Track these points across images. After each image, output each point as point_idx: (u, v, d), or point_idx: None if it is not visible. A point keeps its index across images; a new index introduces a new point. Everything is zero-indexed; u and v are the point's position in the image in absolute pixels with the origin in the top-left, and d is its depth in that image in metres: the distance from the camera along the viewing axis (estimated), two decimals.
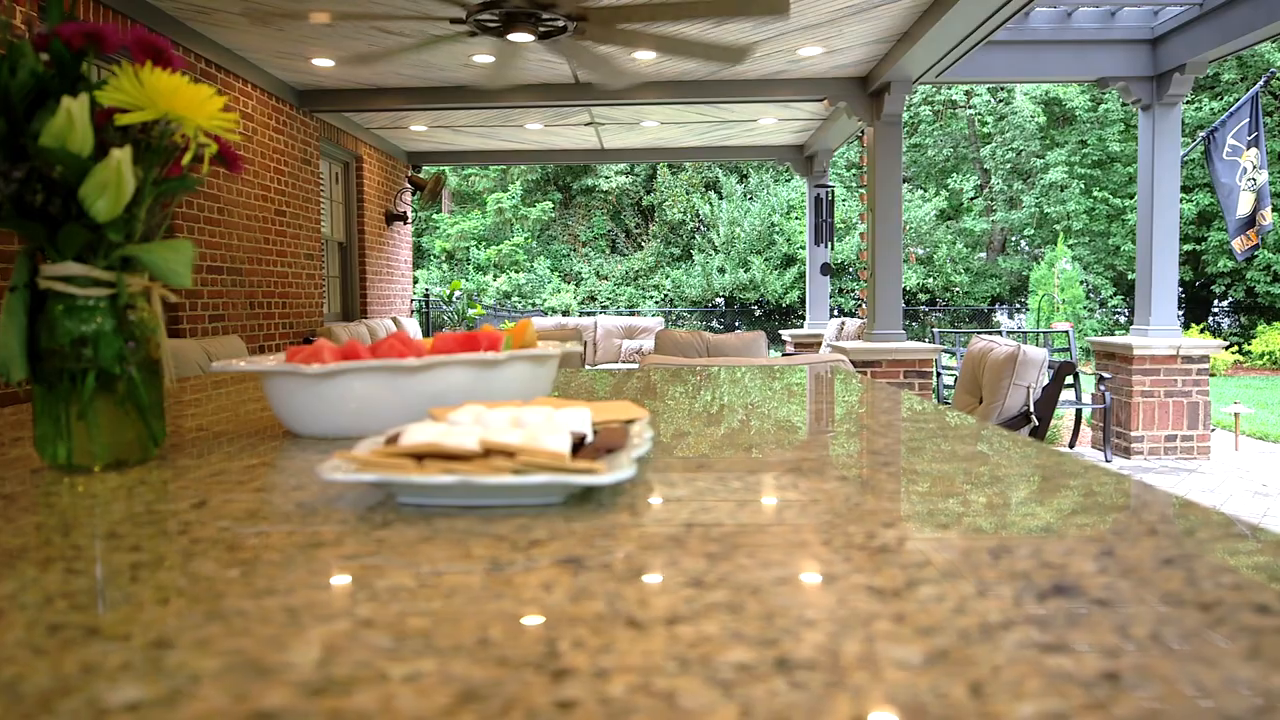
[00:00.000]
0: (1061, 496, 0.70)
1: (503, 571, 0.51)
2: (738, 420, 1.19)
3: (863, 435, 1.06)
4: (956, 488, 0.71)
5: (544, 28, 3.83)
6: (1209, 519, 0.60)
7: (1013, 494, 0.70)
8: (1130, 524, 0.61)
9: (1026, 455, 0.86)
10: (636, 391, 1.53)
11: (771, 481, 0.75)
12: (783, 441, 0.99)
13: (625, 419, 0.91)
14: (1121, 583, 0.47)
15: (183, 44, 5.03)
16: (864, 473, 0.79)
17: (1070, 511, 0.65)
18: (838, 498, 0.69)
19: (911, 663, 0.37)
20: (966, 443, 0.95)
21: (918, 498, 0.69)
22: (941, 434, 1.00)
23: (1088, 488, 0.71)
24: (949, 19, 4.78)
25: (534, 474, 0.64)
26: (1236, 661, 0.36)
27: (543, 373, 1.15)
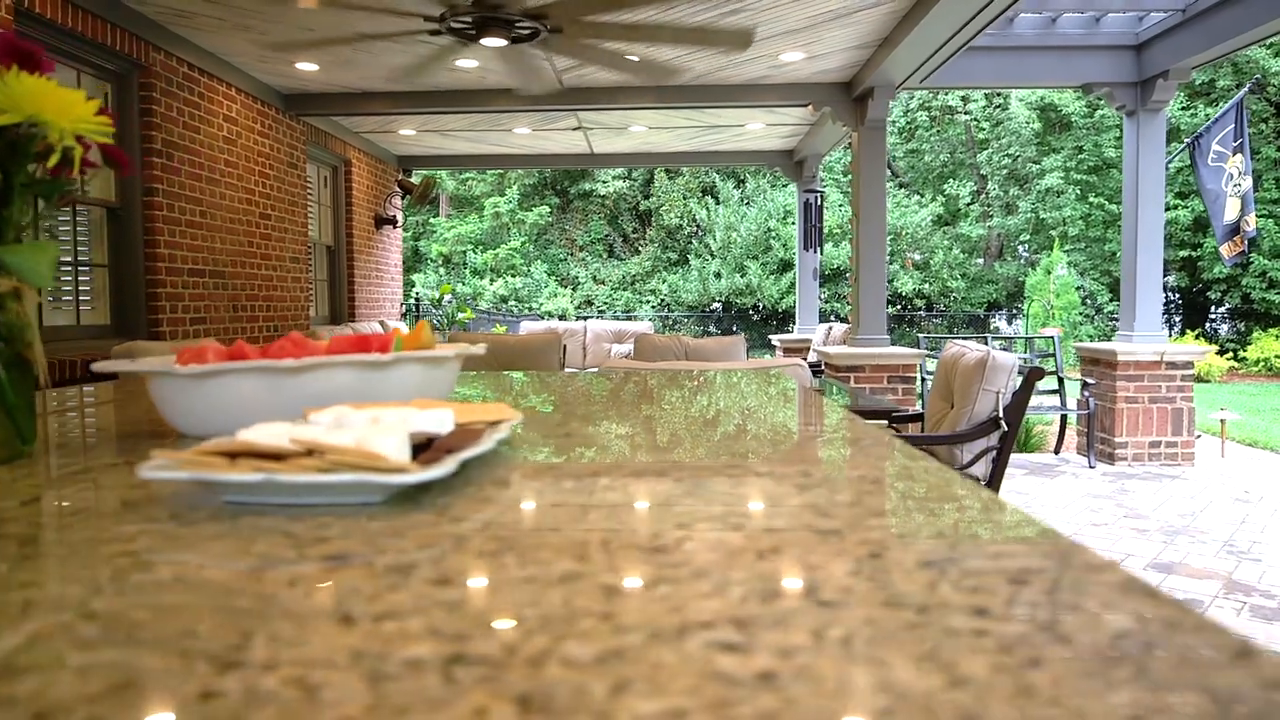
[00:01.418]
0: (876, 499, 0.70)
1: (266, 568, 0.52)
2: (630, 423, 1.19)
3: (734, 439, 1.06)
4: (779, 489, 0.71)
5: (517, 31, 3.84)
6: (1035, 532, 0.60)
7: (836, 497, 0.70)
8: (923, 526, 0.61)
9: (881, 460, 0.86)
10: (565, 393, 1.53)
11: (605, 483, 0.75)
12: (652, 445, 1.00)
13: (491, 420, 0.92)
14: (864, 584, 0.47)
15: (164, 48, 5.06)
16: (702, 475, 0.79)
17: (876, 514, 0.65)
18: (657, 498, 0.69)
19: (581, 660, 0.37)
20: (836, 448, 0.95)
21: (735, 499, 0.69)
22: (824, 439, 1.00)
23: (915, 491, 0.71)
24: (926, 24, 4.79)
25: (341, 472, 0.64)
26: (905, 661, 0.37)
27: (439, 374, 1.16)
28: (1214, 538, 4.48)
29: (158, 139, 5.02)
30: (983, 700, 0.33)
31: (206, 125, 5.56)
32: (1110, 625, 0.41)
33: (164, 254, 5.09)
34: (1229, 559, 4.12)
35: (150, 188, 5.01)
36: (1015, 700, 0.33)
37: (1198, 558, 4.14)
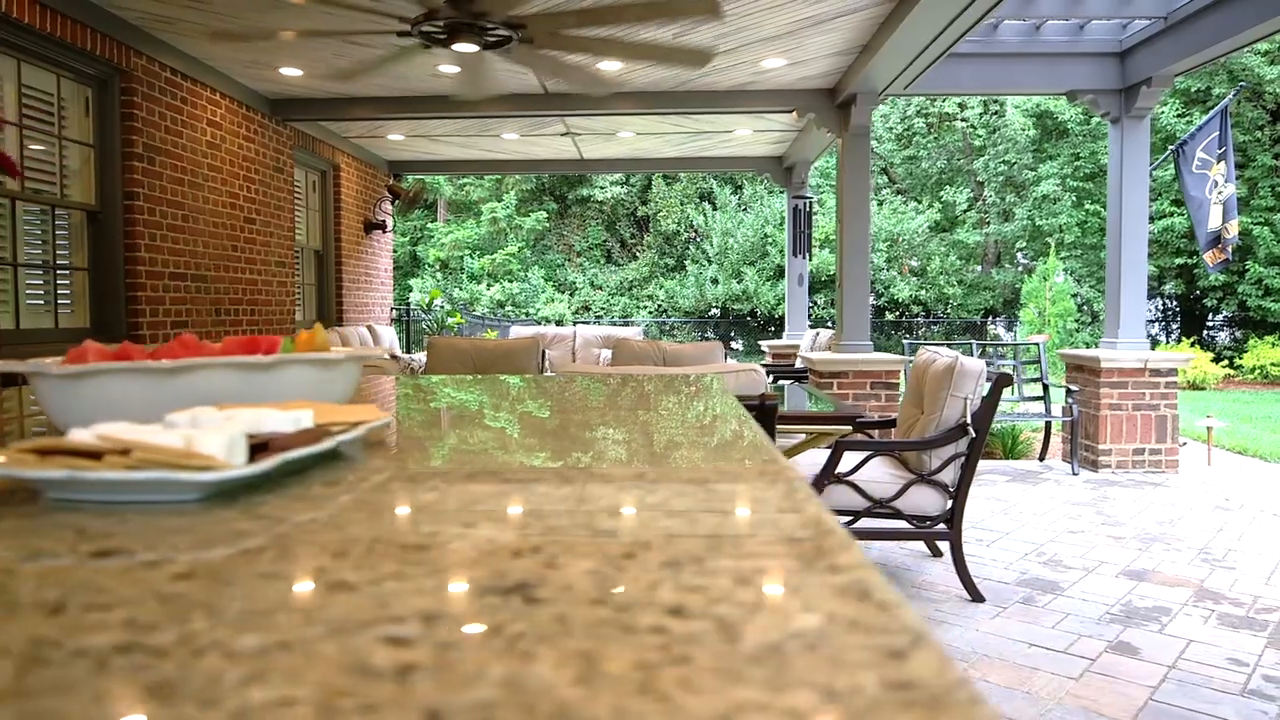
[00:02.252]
0: (681, 500, 0.70)
1: (25, 561, 0.52)
2: (508, 425, 1.20)
3: (603, 444, 1.06)
4: (599, 493, 0.72)
5: (490, 38, 3.85)
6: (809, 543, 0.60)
7: (623, 497, 0.70)
8: (692, 527, 0.61)
9: (708, 469, 0.86)
10: (480, 397, 1.54)
11: (431, 484, 0.76)
12: (510, 446, 1.00)
13: (352, 422, 0.92)
14: (585, 581, 0.48)
15: (146, 52, 5.08)
16: (528, 479, 0.80)
17: (670, 514, 0.65)
18: (467, 499, 0.69)
19: (242, 652, 0.38)
20: (680, 450, 0.96)
21: (559, 500, 0.69)
22: (696, 446, 1.00)
23: (713, 493, 0.71)
24: (904, 31, 4.81)
25: (148, 470, 0.65)
26: (548, 657, 0.37)
27: (334, 377, 1.16)
28: (1190, 545, 4.46)
29: (138, 143, 5.04)
30: (595, 693, 0.33)
31: (189, 130, 5.58)
32: (791, 625, 0.41)
33: (144, 257, 5.11)
34: (1202, 566, 4.11)
35: (131, 192, 5.03)
36: (636, 696, 0.33)
37: (1171, 565, 4.13)
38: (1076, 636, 3.24)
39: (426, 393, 1.61)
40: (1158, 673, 2.94)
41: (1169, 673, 2.94)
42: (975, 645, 3.16)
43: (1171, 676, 2.91)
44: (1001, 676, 2.90)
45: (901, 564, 4.15)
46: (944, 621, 3.39)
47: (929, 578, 3.94)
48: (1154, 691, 2.80)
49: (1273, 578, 3.94)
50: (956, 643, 3.17)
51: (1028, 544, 4.49)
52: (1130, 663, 3.01)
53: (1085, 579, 3.92)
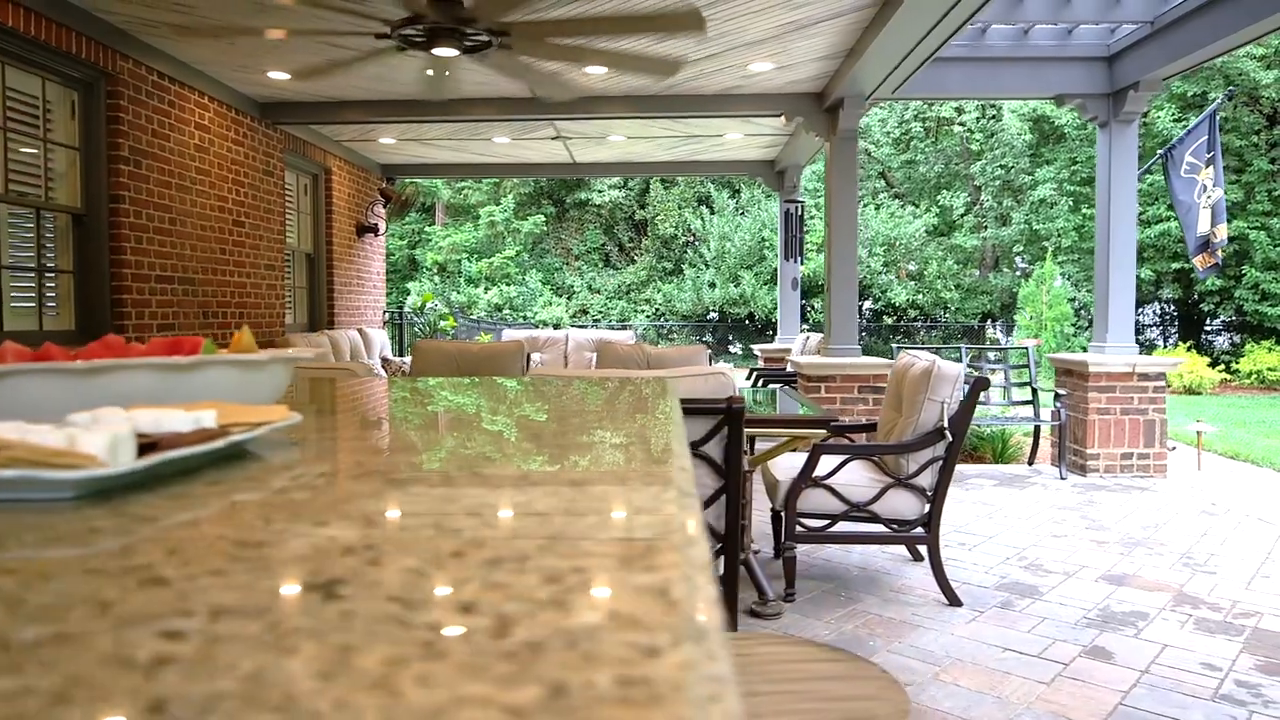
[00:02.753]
0: (545, 500, 0.70)
1: None
2: (422, 429, 1.20)
3: (506, 444, 1.06)
4: (471, 493, 0.72)
5: (469, 42, 3.86)
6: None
7: (489, 500, 0.70)
8: (540, 527, 0.61)
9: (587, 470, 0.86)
10: (419, 399, 1.54)
11: (311, 482, 0.76)
12: (427, 445, 1.00)
13: (255, 422, 0.92)
14: (396, 579, 0.48)
15: (132, 56, 5.10)
16: (425, 476, 0.80)
17: (528, 514, 0.66)
18: (330, 497, 0.70)
19: (22, 641, 0.38)
20: (571, 452, 0.96)
21: (429, 499, 0.69)
22: (598, 447, 1.01)
23: (587, 497, 0.71)
24: (888, 36, 4.81)
25: (13, 468, 0.65)
26: (308, 652, 0.37)
27: (258, 378, 1.17)
28: (1172, 550, 4.45)
29: (124, 146, 5.05)
30: (329, 686, 0.33)
31: (177, 133, 5.60)
32: (566, 622, 0.41)
33: (130, 260, 5.12)
34: (1184, 571, 4.10)
35: (116, 195, 5.04)
36: (367, 690, 0.33)
37: (1152, 570, 4.12)
38: (1051, 641, 3.24)
39: (373, 392, 1.62)
40: (1130, 677, 2.93)
41: (1141, 677, 2.93)
42: (949, 649, 3.15)
43: (1144, 681, 2.91)
44: (973, 681, 2.89)
45: (882, 568, 4.15)
46: (920, 625, 3.38)
47: (908, 581, 3.94)
48: (1124, 696, 2.79)
49: (1253, 582, 3.93)
50: (930, 647, 3.17)
51: (1010, 548, 4.48)
52: (1103, 667, 3.01)
53: (1065, 583, 3.92)
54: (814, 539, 3.70)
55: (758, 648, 1.42)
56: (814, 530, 3.69)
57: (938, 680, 2.90)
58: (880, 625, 3.39)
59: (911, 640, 3.24)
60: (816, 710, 1.23)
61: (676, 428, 1.11)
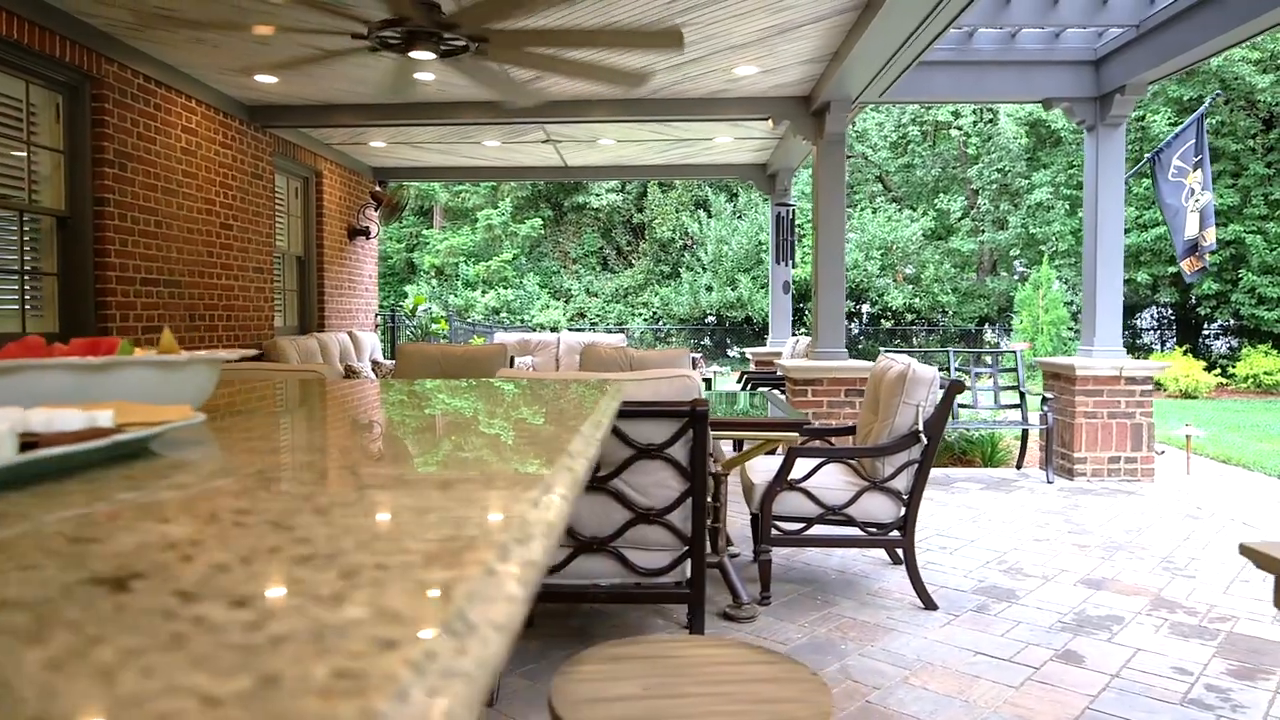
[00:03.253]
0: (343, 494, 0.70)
1: None
2: (319, 430, 1.20)
3: (402, 444, 1.07)
4: (337, 491, 0.72)
5: (445, 47, 3.88)
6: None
7: (350, 497, 0.70)
8: (373, 524, 0.61)
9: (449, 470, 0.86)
10: (351, 401, 1.54)
11: (182, 481, 0.76)
12: (334, 447, 1.01)
13: (153, 421, 0.93)
14: (197, 573, 0.48)
15: (118, 59, 5.12)
16: (298, 474, 0.80)
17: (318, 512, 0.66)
18: (208, 494, 0.70)
19: None
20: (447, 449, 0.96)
21: (290, 498, 0.70)
22: (489, 449, 1.01)
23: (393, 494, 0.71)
24: (870, 39, 4.82)
25: None
26: (57, 641, 0.37)
27: (179, 379, 1.17)
28: (1153, 554, 4.45)
29: (109, 149, 5.07)
30: (50, 672, 0.34)
31: (163, 136, 5.62)
32: (325, 616, 0.41)
33: (114, 263, 5.14)
34: (1163, 575, 4.09)
35: (101, 197, 5.06)
36: (84, 677, 0.34)
37: (1132, 574, 4.11)
38: (1024, 645, 3.23)
39: (314, 393, 1.62)
40: (1100, 681, 2.92)
41: (1111, 681, 2.93)
42: (920, 653, 3.15)
43: (1113, 685, 2.90)
44: (941, 685, 2.89)
45: (861, 571, 4.14)
46: (893, 629, 3.38)
47: (885, 585, 3.93)
48: (1092, 700, 2.78)
49: (1231, 587, 3.93)
50: (902, 650, 3.16)
51: (991, 552, 4.47)
52: (1074, 671, 3.00)
53: (1043, 587, 3.91)
54: (789, 542, 3.70)
55: (691, 650, 1.43)
56: (790, 534, 3.68)
57: (906, 684, 2.89)
58: (854, 628, 3.38)
59: (884, 644, 3.23)
60: (740, 712, 1.24)
61: (591, 429, 1.11)
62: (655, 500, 2.69)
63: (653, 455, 2.62)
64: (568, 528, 2.75)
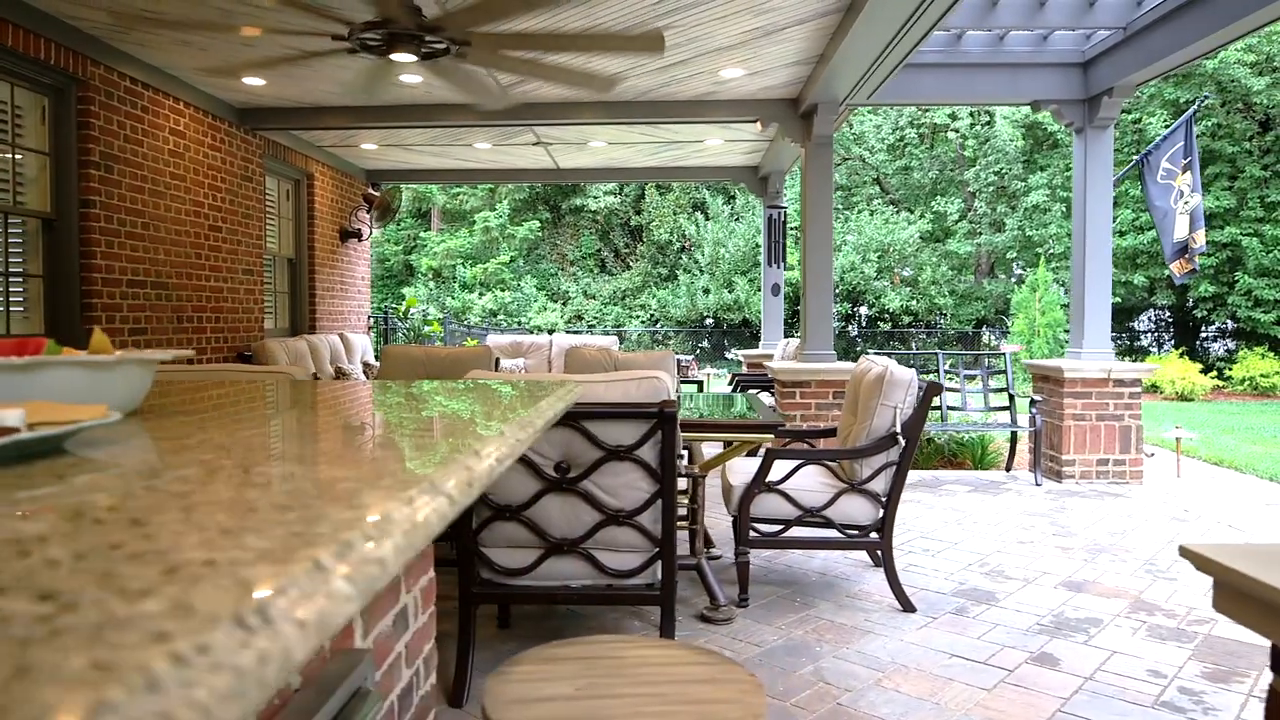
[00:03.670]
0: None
1: None
2: (236, 428, 1.20)
3: (289, 443, 1.07)
4: (192, 485, 0.72)
5: (426, 49, 3.88)
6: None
7: (189, 492, 0.71)
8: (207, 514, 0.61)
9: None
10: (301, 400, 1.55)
11: (46, 477, 0.76)
12: (227, 446, 1.01)
13: (61, 420, 0.93)
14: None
15: (104, 62, 5.13)
16: (182, 465, 0.80)
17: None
18: (79, 489, 0.70)
19: None
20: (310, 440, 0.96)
21: (133, 491, 0.70)
22: (384, 446, 1.01)
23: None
24: (854, 42, 4.83)
25: None
26: None
27: (108, 379, 1.17)
28: (1136, 556, 4.44)
29: (95, 151, 5.08)
30: None
31: (150, 138, 5.63)
32: (123, 610, 0.41)
33: (100, 264, 5.14)
34: (1145, 578, 4.09)
35: (87, 199, 5.07)
36: None
37: (1113, 576, 4.11)
38: (1000, 647, 3.23)
39: (256, 394, 1.62)
40: (1073, 684, 2.92)
41: (1084, 684, 2.92)
42: (895, 655, 3.14)
43: (1086, 688, 2.89)
44: (914, 687, 2.88)
45: (842, 574, 4.14)
46: (870, 631, 3.38)
47: (865, 587, 3.93)
48: (1064, 703, 2.78)
49: (1211, 590, 3.91)
50: (877, 653, 3.16)
51: (973, 554, 4.47)
52: (1048, 674, 3.00)
53: (1023, 590, 3.90)
54: (768, 544, 3.70)
55: (631, 651, 1.43)
56: (768, 536, 3.68)
57: (879, 686, 2.89)
58: (830, 630, 3.38)
59: (859, 646, 3.23)
60: (670, 712, 1.24)
61: (515, 430, 1.11)
62: (625, 502, 2.69)
63: (622, 457, 2.62)
64: (538, 529, 2.75)
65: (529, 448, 2.67)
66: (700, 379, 9.27)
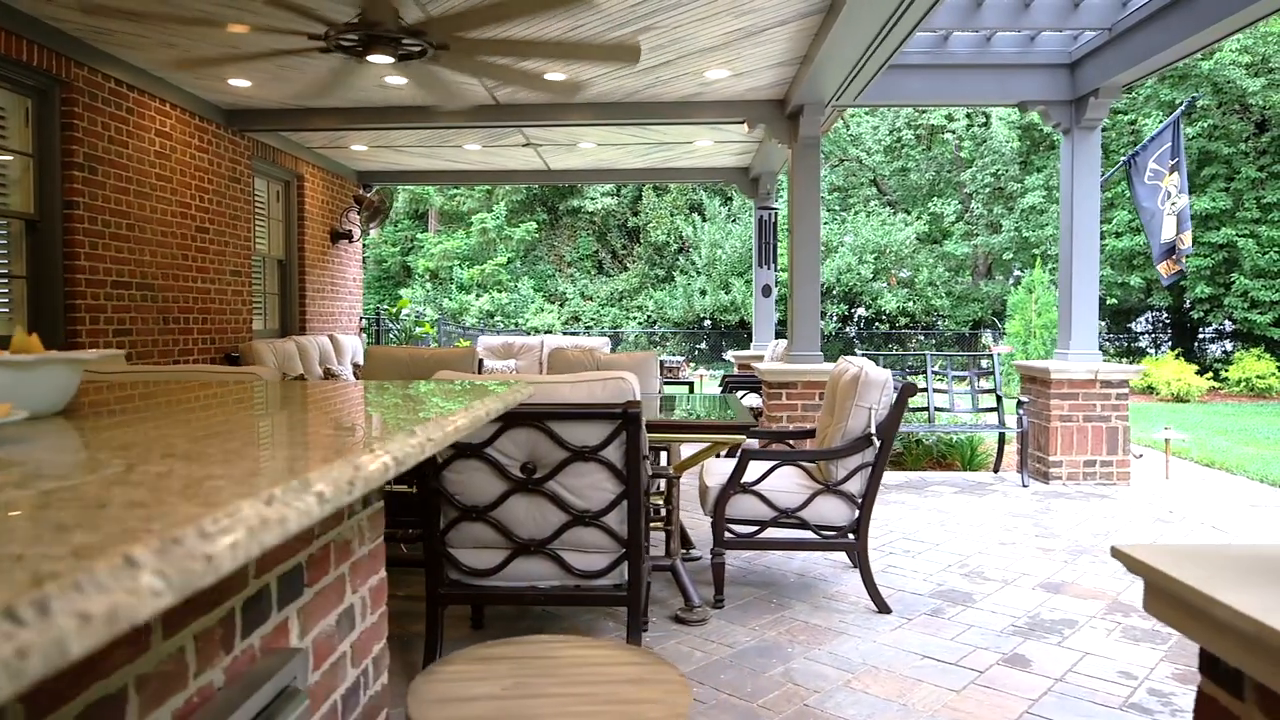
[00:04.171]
0: None
1: None
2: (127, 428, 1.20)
3: (167, 441, 1.07)
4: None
5: (402, 51, 3.89)
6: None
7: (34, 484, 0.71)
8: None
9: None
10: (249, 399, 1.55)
11: None
12: (94, 444, 1.01)
13: None
14: None
15: (87, 64, 5.14)
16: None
17: None
18: None
19: None
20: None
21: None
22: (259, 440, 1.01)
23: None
24: (835, 43, 4.82)
25: None
26: None
27: (32, 378, 1.17)
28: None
29: (79, 153, 5.09)
30: None
31: (136, 140, 5.64)
32: None
33: (84, 265, 5.15)
34: (1123, 579, 4.08)
35: (71, 201, 5.08)
36: None
37: (1093, 578, 4.10)
38: (972, 649, 3.22)
39: (196, 395, 1.62)
40: (1043, 685, 2.91)
41: (1054, 685, 2.92)
42: (866, 656, 3.14)
43: (1056, 689, 2.89)
44: (883, 688, 2.88)
45: (821, 575, 4.13)
46: (844, 632, 3.37)
47: (843, 588, 3.92)
48: (1032, 705, 2.77)
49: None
50: (849, 654, 3.15)
51: (954, 555, 4.46)
52: (1018, 675, 2.99)
53: (1001, 591, 3.90)
54: (744, 545, 3.70)
55: (566, 651, 1.42)
56: (743, 537, 3.68)
57: (847, 687, 2.88)
58: (804, 632, 3.37)
59: (831, 647, 3.22)
60: (593, 712, 1.23)
61: (428, 430, 1.11)
62: (591, 502, 2.69)
63: (587, 457, 2.62)
64: (504, 530, 2.75)
65: (496, 450, 2.67)
66: (691, 380, 9.28)
